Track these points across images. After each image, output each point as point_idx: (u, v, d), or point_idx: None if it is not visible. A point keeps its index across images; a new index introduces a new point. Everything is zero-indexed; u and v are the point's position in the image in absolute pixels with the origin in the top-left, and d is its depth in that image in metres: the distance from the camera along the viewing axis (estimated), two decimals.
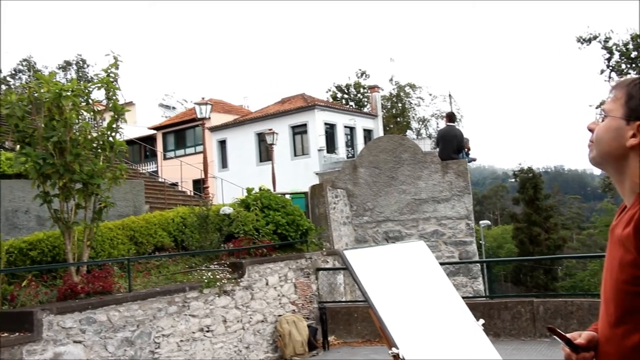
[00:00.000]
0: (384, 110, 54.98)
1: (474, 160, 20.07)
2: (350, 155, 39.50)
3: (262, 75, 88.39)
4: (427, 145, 42.98)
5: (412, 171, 17.56)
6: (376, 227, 17.71)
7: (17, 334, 7.74)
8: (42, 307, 8.22)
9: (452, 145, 17.27)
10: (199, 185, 33.36)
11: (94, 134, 9.83)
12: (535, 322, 11.44)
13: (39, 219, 16.76)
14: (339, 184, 17.81)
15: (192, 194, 27.84)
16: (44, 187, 9.43)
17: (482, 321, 3.56)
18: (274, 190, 20.97)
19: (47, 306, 8.29)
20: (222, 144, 41.19)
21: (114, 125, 9.90)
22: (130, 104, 39.78)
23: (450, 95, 61.03)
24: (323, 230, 15.55)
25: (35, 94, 9.50)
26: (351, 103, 59.40)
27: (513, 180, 69.38)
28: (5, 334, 7.71)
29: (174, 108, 53.40)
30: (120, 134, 10.25)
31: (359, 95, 61.10)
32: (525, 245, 51.38)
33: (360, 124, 42.19)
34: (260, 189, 14.98)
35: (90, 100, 9.83)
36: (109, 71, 9.87)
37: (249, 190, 14.86)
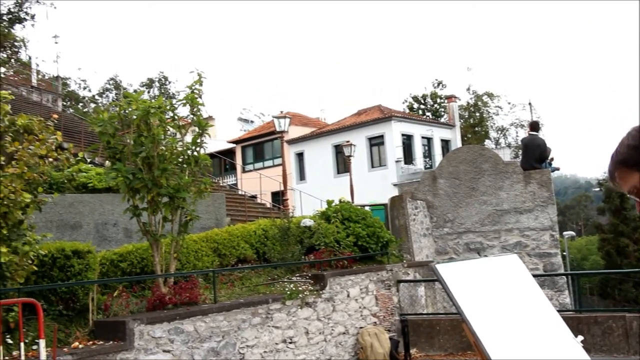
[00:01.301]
0: (462, 120, 54.27)
1: (557, 169, 19.53)
2: (428, 166, 39.14)
3: (338, 88, 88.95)
4: (506, 155, 42.08)
5: (493, 182, 17.23)
6: (457, 238, 17.45)
7: (111, 342, 8.03)
8: (134, 317, 8.49)
9: (534, 154, 16.86)
10: (278, 197, 33.75)
11: (180, 149, 10.11)
12: (628, 338, 10.99)
13: (127, 231, 17.35)
14: (419, 195, 17.66)
15: (271, 206, 28.18)
16: (134, 201, 9.77)
17: (580, 337, 3.45)
18: (353, 202, 20.98)
19: (138, 316, 8.56)
20: (300, 156, 41.60)
21: (199, 140, 10.17)
22: (210, 118, 40.71)
23: (530, 103, 59.68)
24: (403, 242, 15.44)
25: (125, 112, 9.88)
26: (428, 113, 58.89)
27: (597, 189, 66.88)
28: (101, 342, 8.01)
29: (252, 122, 54.35)
30: (204, 149, 10.51)
31: (435, 105, 60.51)
32: (612, 257, 49.39)
33: (438, 134, 41.77)
34: (340, 201, 15.02)
35: (175, 117, 10.13)
36: (193, 88, 10.15)
37: (329, 203, 14.93)
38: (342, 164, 37.99)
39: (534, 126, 17.91)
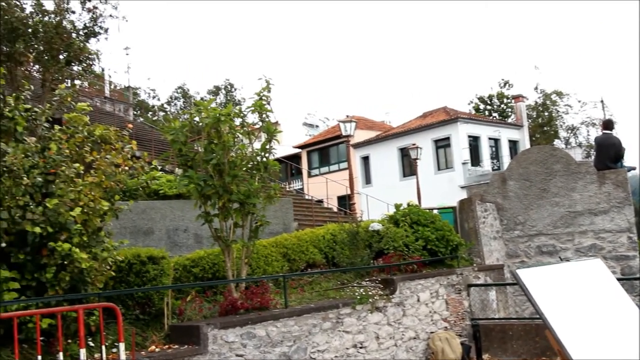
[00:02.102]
0: (530, 120, 53.09)
1: (634, 169, 18.86)
2: (495, 167, 38.47)
3: (402, 91, 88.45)
4: (577, 155, 40.96)
5: (565, 182, 16.77)
6: (528, 241, 17.05)
7: (185, 346, 8.21)
8: (207, 321, 8.65)
9: (609, 154, 16.32)
10: (344, 201, 33.80)
11: (249, 155, 10.25)
12: None
13: (197, 237, 17.69)
14: (488, 197, 17.35)
15: (337, 210, 28.23)
16: (205, 207, 9.96)
17: None
18: (420, 206, 20.81)
19: (212, 321, 8.71)
20: (366, 160, 41.54)
21: (268, 146, 10.28)
22: (276, 124, 41.14)
23: (602, 101, 57.92)
24: (473, 245, 15.20)
25: (195, 120, 10.09)
26: (495, 114, 57.88)
27: None
28: (176, 346, 8.20)
29: (317, 126, 54.59)
30: (273, 155, 10.62)
31: (502, 105, 59.42)
32: None
33: (505, 135, 40.99)
34: (408, 205, 14.92)
35: (245, 124, 10.28)
36: (261, 94, 10.27)
37: (397, 206, 14.84)
38: (408, 167, 37.75)
39: (608, 124, 17.34)
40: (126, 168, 8.95)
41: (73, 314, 7.41)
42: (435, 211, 16.16)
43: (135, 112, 45.15)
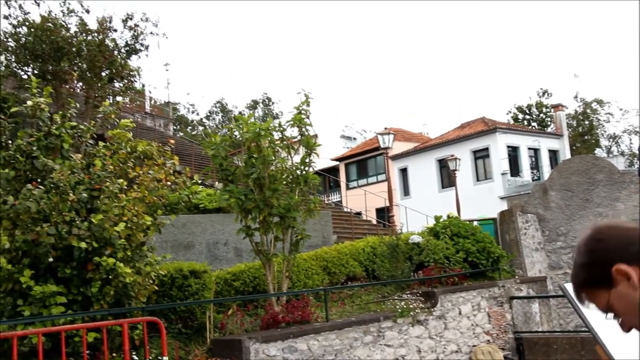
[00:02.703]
0: (570, 129, 52.29)
1: None
2: (535, 177, 37.90)
3: (440, 102, 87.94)
4: (620, 164, 40.18)
5: (608, 192, 16.47)
6: (571, 252, 16.74)
7: None
8: (249, 335, 8.69)
9: None
10: (383, 213, 33.64)
11: (289, 169, 10.30)
12: None
13: (237, 250, 17.81)
14: (529, 208, 17.11)
15: (376, 222, 28.12)
16: (246, 221, 10.03)
17: None
18: (459, 217, 20.62)
19: (253, 335, 8.75)
20: (404, 171, 41.34)
21: (307, 160, 10.33)
22: (315, 137, 41.26)
23: None
24: (514, 257, 15.00)
25: (236, 135, 10.20)
26: (534, 124, 57.13)
27: None
28: None
29: (354, 139, 54.58)
30: (312, 168, 10.65)
31: (541, 115, 58.61)
32: None
33: (545, 144, 40.39)
34: (448, 217, 14.80)
35: (284, 138, 10.34)
36: (300, 108, 10.32)
37: (436, 218, 14.74)
38: (447, 178, 37.44)
39: None
40: (168, 183, 9.07)
41: (118, 327, 7.52)
42: (475, 223, 16.00)
43: (175, 127, 45.80)
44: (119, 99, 23.62)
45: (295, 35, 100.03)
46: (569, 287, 3.65)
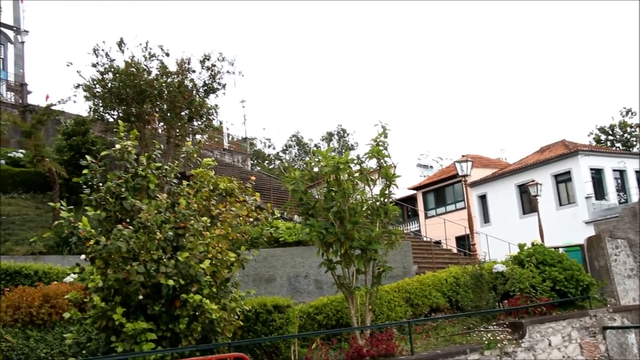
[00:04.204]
0: None
1: None
2: (622, 200, 36.45)
3: (517, 126, 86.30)
4: None
5: None
6: None
7: None
8: None
9: None
10: (463, 242, 33.07)
11: (369, 202, 10.29)
12: None
13: (317, 283, 17.86)
14: (618, 233, 16.46)
15: (457, 251, 27.65)
16: (328, 254, 10.06)
17: None
18: (544, 244, 20.01)
19: None
20: (483, 198, 40.59)
21: (387, 192, 10.30)
22: (393, 167, 41.15)
23: None
24: (605, 284, 14.43)
25: (314, 168, 10.29)
26: (618, 144, 55.18)
27: None
28: None
29: (431, 167, 54.13)
30: (392, 200, 10.61)
31: (625, 135, 56.59)
32: None
33: (631, 165, 38.86)
34: (532, 244, 14.41)
35: (363, 170, 10.35)
36: (378, 140, 10.34)
37: (520, 246, 14.37)
38: (528, 203, 36.52)
39: None
40: (250, 219, 9.21)
41: None
42: (561, 250, 15.50)
43: (252, 162, 46.62)
44: (198, 137, 24.39)
45: (368, 66, 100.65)
46: None
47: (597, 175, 37.17)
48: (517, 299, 12.66)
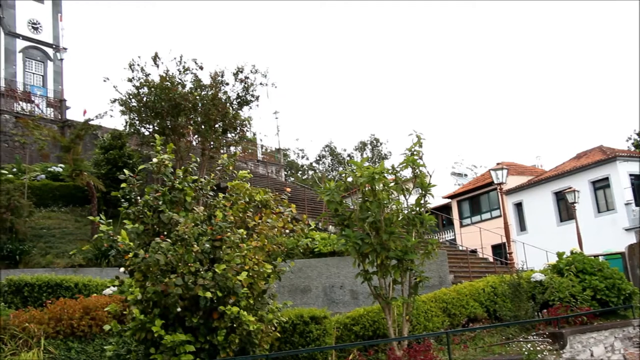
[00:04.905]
0: None
1: None
2: None
3: (552, 132, 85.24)
4: None
5: None
6: None
7: None
8: None
9: None
10: (499, 250, 32.70)
11: (405, 211, 10.25)
12: None
13: (353, 293, 17.82)
14: None
15: (493, 260, 27.36)
16: (364, 265, 10.04)
17: None
18: (582, 252, 19.69)
19: None
20: (519, 206, 40.10)
21: (422, 201, 10.25)
22: (428, 176, 40.92)
23: None
24: None
25: (349, 179, 10.28)
26: None
27: None
28: None
29: (465, 175, 53.75)
30: (428, 209, 10.55)
31: None
32: None
33: None
34: (571, 252, 14.19)
35: (398, 180, 10.31)
36: (412, 150, 10.30)
37: (559, 255, 14.16)
38: (565, 210, 35.99)
39: None
40: (287, 231, 9.24)
41: None
42: (601, 258, 15.24)
43: (286, 173, 46.81)
44: (232, 149, 24.58)
45: (400, 74, 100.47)
46: None
47: (636, 181, 36.48)
48: (557, 308, 12.46)
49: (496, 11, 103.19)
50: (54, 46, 37.84)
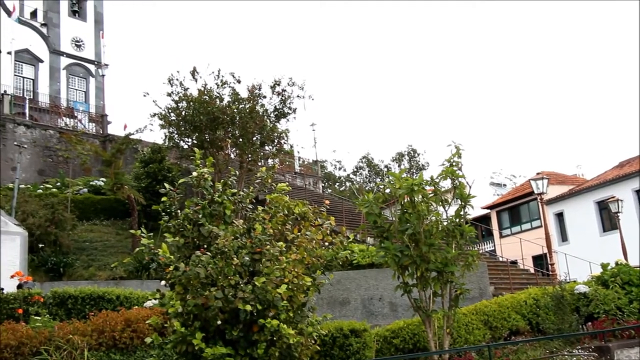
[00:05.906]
0: None
1: None
2: None
3: (593, 141, 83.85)
4: None
5: None
6: None
7: None
8: None
9: None
10: (540, 261, 32.20)
11: (444, 223, 10.16)
12: None
13: (392, 305, 17.71)
14: None
15: (534, 271, 26.92)
16: (403, 277, 9.97)
17: None
18: (628, 263, 19.24)
19: None
20: (559, 216, 39.45)
21: (462, 212, 10.15)
22: (468, 187, 40.56)
23: None
24: None
25: (388, 191, 10.25)
26: None
27: None
28: None
29: (504, 185, 53.09)
30: (467, 220, 10.44)
31: None
32: None
33: None
34: (616, 264, 13.88)
35: (437, 191, 10.24)
36: (451, 161, 10.22)
37: (604, 266, 13.87)
38: (608, 220, 35.26)
39: None
40: (326, 243, 9.22)
41: None
42: None
43: (323, 184, 46.84)
44: (270, 161, 24.71)
45: (438, 84, 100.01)
46: None
47: None
48: (602, 321, 12.19)
49: (543, 16, 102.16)
50: (96, 63, 38.71)
